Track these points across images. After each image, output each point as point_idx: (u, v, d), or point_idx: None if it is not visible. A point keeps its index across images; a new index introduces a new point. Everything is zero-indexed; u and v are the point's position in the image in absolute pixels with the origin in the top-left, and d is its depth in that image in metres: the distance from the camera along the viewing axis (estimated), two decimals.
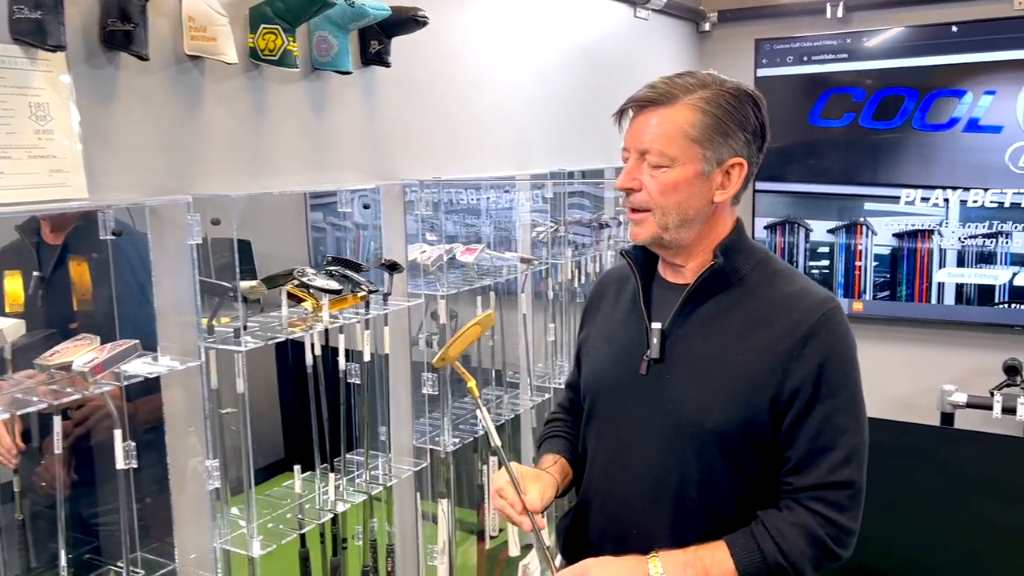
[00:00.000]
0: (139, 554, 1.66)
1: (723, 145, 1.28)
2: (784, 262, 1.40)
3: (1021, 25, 3.23)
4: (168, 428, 1.64)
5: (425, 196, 2.17)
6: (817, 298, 1.30)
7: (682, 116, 1.27)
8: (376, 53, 2.00)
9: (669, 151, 1.27)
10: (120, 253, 1.61)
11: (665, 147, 1.27)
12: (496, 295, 2.60)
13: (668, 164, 1.27)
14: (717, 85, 1.29)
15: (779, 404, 1.26)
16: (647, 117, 1.29)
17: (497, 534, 2.61)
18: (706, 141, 1.27)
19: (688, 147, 1.26)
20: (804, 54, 3.61)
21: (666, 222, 1.29)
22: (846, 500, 1.27)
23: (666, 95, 1.27)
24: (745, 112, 1.29)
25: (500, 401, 2.63)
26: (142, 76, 1.54)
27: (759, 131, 1.32)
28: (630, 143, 1.31)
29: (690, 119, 1.26)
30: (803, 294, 1.30)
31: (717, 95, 1.28)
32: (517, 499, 1.32)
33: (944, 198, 3.42)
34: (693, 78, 1.29)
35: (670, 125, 1.27)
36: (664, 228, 1.30)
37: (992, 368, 3.43)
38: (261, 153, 1.80)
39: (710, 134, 1.27)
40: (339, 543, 2.04)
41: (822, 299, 1.29)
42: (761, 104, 1.32)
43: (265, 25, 1.71)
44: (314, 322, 1.86)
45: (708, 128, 1.26)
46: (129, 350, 1.47)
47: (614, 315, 1.46)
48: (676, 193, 1.28)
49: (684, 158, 1.27)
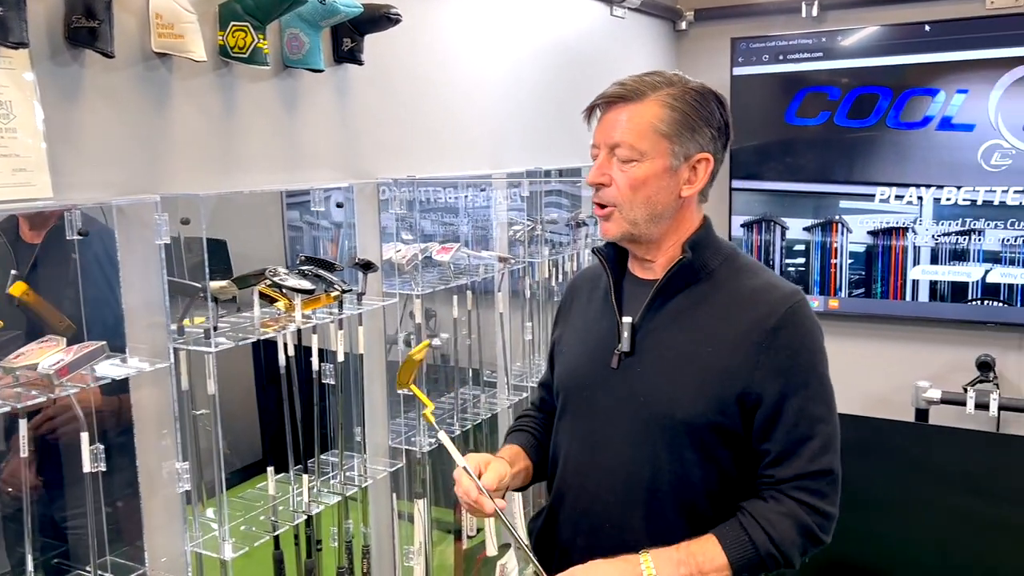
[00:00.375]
0: (108, 558, 1.64)
1: (690, 140, 1.31)
2: (751, 257, 1.44)
3: (992, 24, 3.26)
4: (137, 430, 1.62)
5: (399, 195, 2.15)
6: (783, 292, 1.32)
7: (651, 111, 1.30)
8: (349, 51, 1.99)
9: (639, 145, 1.29)
10: (89, 253, 1.59)
11: (635, 141, 1.29)
12: (473, 294, 2.59)
13: (638, 158, 1.30)
14: (683, 83, 1.33)
15: (749, 396, 1.28)
16: (617, 113, 1.32)
17: (475, 534, 2.60)
18: (674, 136, 1.30)
19: (657, 141, 1.29)
20: (780, 53, 3.63)
21: (635, 217, 1.32)
22: (827, 487, 1.30)
23: (635, 91, 1.30)
24: (710, 109, 1.33)
25: (477, 400, 2.63)
26: (108, 74, 1.51)
27: (723, 128, 1.36)
28: (600, 139, 1.34)
29: (659, 114, 1.29)
30: (769, 288, 1.33)
31: (684, 92, 1.32)
32: (472, 485, 1.33)
33: (918, 196, 3.44)
34: (660, 76, 1.33)
35: (640, 120, 1.30)
36: (633, 223, 1.33)
37: (966, 364, 3.48)
38: (231, 152, 1.78)
39: (678, 129, 1.30)
40: (313, 545, 2.03)
41: (788, 292, 1.32)
42: (725, 103, 1.36)
43: (235, 22, 1.69)
44: (287, 322, 1.84)
45: (676, 123, 1.30)
46: (96, 352, 1.45)
47: (587, 314, 1.48)
48: (645, 188, 1.31)
49: (653, 152, 1.30)
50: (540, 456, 1.53)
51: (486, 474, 1.35)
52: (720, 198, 3.87)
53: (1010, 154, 3.26)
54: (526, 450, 1.52)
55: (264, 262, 1.83)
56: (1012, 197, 3.28)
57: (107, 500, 1.63)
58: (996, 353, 3.43)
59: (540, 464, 1.53)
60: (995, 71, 3.25)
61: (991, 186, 3.32)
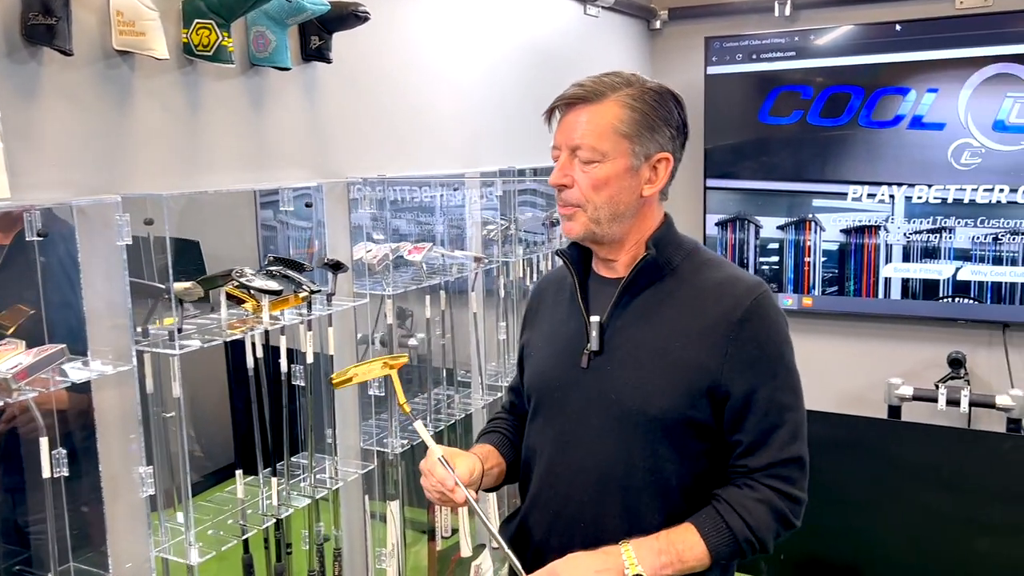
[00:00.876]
0: (72, 564, 1.62)
1: (650, 140, 1.32)
2: (712, 252, 1.44)
3: (962, 24, 3.29)
4: (100, 434, 1.60)
5: (369, 194, 2.14)
6: (747, 284, 1.34)
7: (611, 112, 1.30)
8: (317, 49, 1.97)
9: (600, 146, 1.30)
10: (51, 254, 1.56)
11: (596, 142, 1.30)
12: (447, 294, 2.58)
13: (599, 159, 1.30)
14: (641, 84, 1.33)
15: (719, 389, 1.30)
16: (577, 114, 1.32)
17: (449, 534, 2.59)
18: (635, 136, 1.30)
19: (618, 142, 1.30)
20: (753, 52, 3.65)
21: (598, 216, 1.33)
22: (797, 473, 1.33)
23: (594, 92, 1.31)
24: (669, 108, 1.33)
25: (451, 401, 2.62)
26: (67, 72, 1.49)
27: (682, 127, 1.36)
28: (561, 140, 1.34)
29: (619, 115, 1.30)
30: (734, 281, 1.34)
31: (642, 92, 1.32)
32: (448, 475, 1.33)
33: (890, 194, 3.47)
34: (619, 77, 1.33)
35: (600, 121, 1.30)
36: (596, 223, 1.33)
37: (937, 361, 3.51)
38: (197, 151, 1.76)
39: (638, 129, 1.30)
40: (284, 548, 2.01)
41: (752, 285, 1.34)
42: (682, 102, 1.37)
43: (199, 20, 1.66)
44: (254, 324, 1.82)
45: (636, 123, 1.30)
46: (56, 355, 1.43)
47: (554, 316, 1.48)
48: (607, 188, 1.31)
49: (614, 153, 1.30)
50: (513, 457, 1.53)
51: (457, 467, 1.35)
52: (694, 197, 3.88)
53: (979, 153, 3.30)
54: (499, 449, 1.51)
55: (238, 263, 1.81)
56: (981, 195, 3.32)
57: (71, 505, 1.60)
58: (967, 350, 3.47)
59: (513, 465, 1.52)
60: (964, 70, 3.28)
61: (961, 184, 3.35)
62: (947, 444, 3.04)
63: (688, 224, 3.90)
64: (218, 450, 2.18)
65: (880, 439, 3.13)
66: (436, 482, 1.34)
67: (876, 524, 3.07)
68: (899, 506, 3.03)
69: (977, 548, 2.92)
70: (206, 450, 2.20)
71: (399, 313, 2.56)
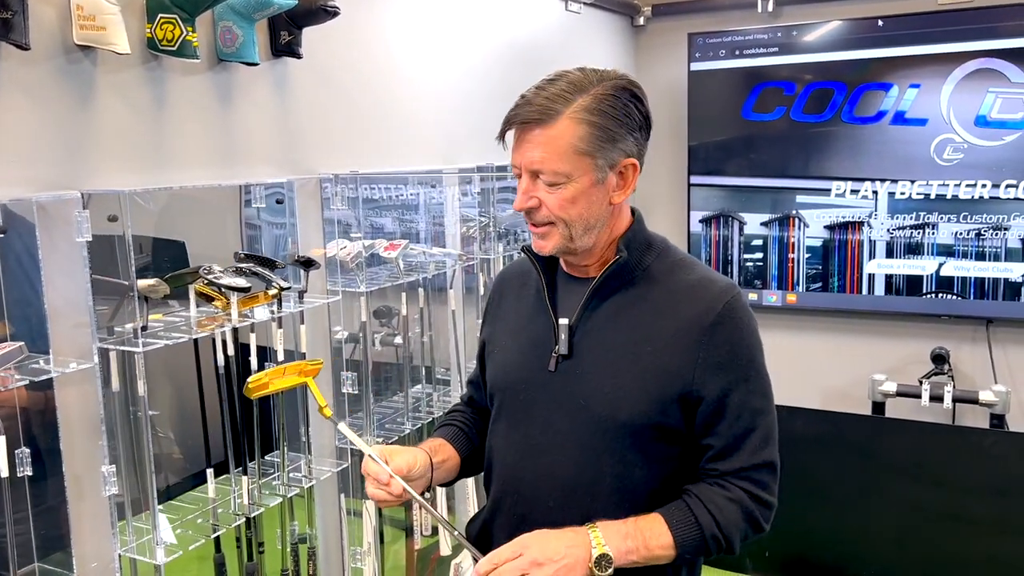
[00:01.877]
0: (36, 565, 1.60)
1: (613, 150, 1.27)
2: (683, 251, 1.41)
3: (944, 19, 3.29)
4: (64, 433, 1.58)
5: (339, 191, 2.12)
6: (720, 287, 1.31)
7: (568, 132, 1.24)
8: (287, 44, 1.95)
9: (562, 168, 1.25)
10: (11, 251, 1.54)
11: (557, 166, 1.24)
12: (425, 291, 2.57)
13: (563, 181, 1.25)
14: (594, 86, 1.25)
15: (691, 394, 1.27)
16: (532, 137, 1.25)
17: (429, 533, 2.58)
18: (596, 152, 1.25)
19: (579, 161, 1.25)
20: (736, 48, 3.63)
21: (570, 232, 1.29)
22: (768, 477, 1.31)
23: (546, 112, 1.24)
24: (628, 111, 1.27)
25: (430, 399, 2.60)
26: (26, 67, 1.47)
27: (644, 124, 1.30)
28: (519, 162, 1.28)
29: (577, 133, 1.24)
30: (706, 283, 1.32)
31: (598, 100, 1.24)
32: (381, 469, 1.30)
33: (873, 190, 3.46)
34: (569, 84, 1.25)
35: (559, 143, 1.24)
36: (569, 239, 1.30)
37: (921, 357, 3.50)
38: (162, 147, 1.74)
39: (599, 144, 1.25)
40: (255, 547, 1.99)
41: (724, 287, 1.31)
42: (641, 95, 1.30)
43: (163, 15, 1.65)
44: (224, 321, 1.80)
45: (596, 139, 1.24)
46: (13, 353, 1.41)
47: (519, 311, 1.45)
48: (575, 206, 1.27)
49: (578, 172, 1.25)
50: (469, 450, 1.50)
51: (393, 460, 1.32)
52: (678, 194, 3.87)
53: (962, 148, 3.29)
54: (452, 443, 1.48)
55: (225, 262, 1.80)
56: (964, 191, 3.31)
57: (35, 505, 1.59)
58: (950, 346, 3.46)
59: (469, 459, 1.50)
60: (946, 66, 3.28)
61: (944, 180, 3.34)
62: (931, 440, 3.03)
63: (672, 221, 3.90)
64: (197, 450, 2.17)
65: (864, 435, 3.13)
66: (371, 479, 1.32)
67: (860, 520, 3.07)
68: (883, 502, 3.02)
69: (962, 543, 2.92)
70: (184, 450, 2.19)
71: (384, 311, 2.54)
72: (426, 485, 1.38)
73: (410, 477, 1.33)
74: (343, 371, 2.19)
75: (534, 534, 1.25)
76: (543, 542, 1.23)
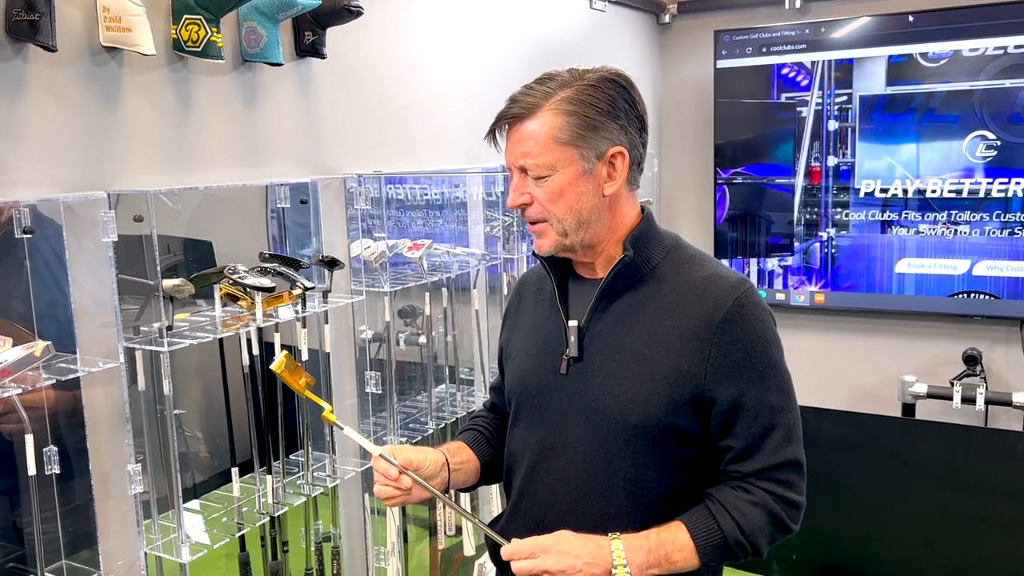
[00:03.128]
0: (64, 562, 1.62)
1: (596, 139, 1.27)
2: (695, 247, 1.39)
3: (976, 14, 3.22)
4: (90, 432, 1.60)
5: (363, 191, 2.12)
6: (729, 282, 1.29)
7: (548, 123, 1.26)
8: (311, 44, 1.96)
9: (545, 160, 1.26)
10: (39, 252, 1.56)
11: (540, 158, 1.26)
12: (449, 291, 2.56)
13: (548, 173, 1.27)
14: (578, 80, 1.28)
15: (705, 394, 1.25)
16: (517, 133, 1.29)
17: (453, 532, 2.57)
18: (578, 140, 1.26)
19: (561, 151, 1.26)
20: (763, 45, 3.59)
21: (563, 228, 1.29)
22: (794, 476, 1.28)
23: (528, 107, 1.27)
24: (611, 100, 1.27)
25: (453, 399, 2.60)
26: (53, 68, 1.49)
27: (631, 113, 1.30)
28: (509, 160, 1.31)
29: (556, 123, 1.26)
30: (716, 279, 1.29)
31: (578, 92, 1.27)
32: (390, 466, 1.30)
33: (903, 188, 3.41)
34: (553, 81, 1.29)
35: (540, 135, 1.26)
36: (563, 234, 1.30)
37: (952, 358, 3.44)
38: (187, 147, 1.75)
39: (580, 132, 1.26)
40: (280, 546, 2.00)
41: (735, 283, 1.29)
42: (628, 86, 1.31)
43: (188, 16, 1.66)
44: (249, 321, 1.81)
45: (576, 127, 1.26)
46: (42, 352, 1.42)
47: (534, 317, 1.44)
48: (564, 198, 1.28)
49: (561, 163, 1.27)
50: (491, 455, 1.50)
51: (399, 455, 1.32)
52: (704, 192, 3.84)
53: (995, 145, 3.23)
54: (472, 446, 1.48)
55: (250, 261, 1.81)
56: (997, 189, 3.25)
57: (63, 502, 1.60)
58: (983, 347, 3.40)
59: (491, 464, 1.49)
60: (979, 61, 3.21)
61: (976, 178, 3.28)
62: (962, 443, 2.98)
63: (698, 219, 3.87)
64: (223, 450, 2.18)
65: (894, 437, 3.08)
66: (380, 476, 1.32)
67: (889, 524, 3.02)
68: (913, 505, 2.98)
69: (993, 548, 2.86)
70: (212, 449, 2.20)
71: (408, 311, 2.55)
72: (442, 486, 1.38)
73: (423, 473, 1.33)
74: (367, 370, 2.19)
75: (554, 536, 1.24)
76: (560, 552, 1.22)
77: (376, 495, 1.34)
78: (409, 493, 1.32)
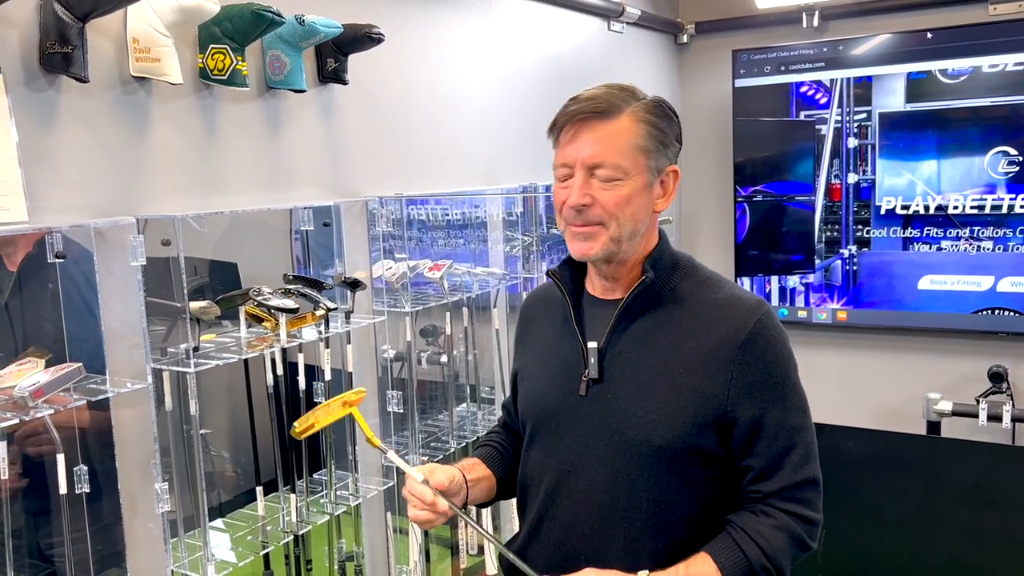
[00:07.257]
0: None
1: (662, 155, 1.29)
2: (709, 269, 1.39)
3: (995, 31, 3.22)
4: (119, 451, 1.63)
5: (385, 213, 2.15)
6: (749, 304, 1.30)
7: (630, 128, 1.26)
8: (333, 71, 2.00)
9: (623, 163, 1.25)
10: (69, 275, 1.60)
11: (619, 159, 1.25)
12: (469, 310, 2.59)
13: (621, 177, 1.26)
14: (642, 96, 1.30)
15: (727, 414, 1.26)
16: (592, 131, 1.26)
17: (476, 551, 2.58)
18: (652, 151, 1.27)
19: (638, 159, 1.26)
20: (781, 64, 3.61)
21: (620, 235, 1.28)
22: (813, 494, 1.29)
23: (610, 107, 1.25)
24: (671, 121, 1.31)
25: (474, 417, 2.61)
26: (85, 98, 1.53)
27: (679, 138, 1.34)
28: (575, 158, 1.27)
29: (638, 130, 1.26)
30: (735, 300, 1.30)
31: (650, 106, 1.28)
32: (425, 489, 1.31)
33: (925, 204, 3.40)
34: (622, 90, 1.28)
35: (621, 137, 1.25)
36: (617, 241, 1.28)
37: (978, 375, 3.41)
38: (213, 172, 1.80)
39: (655, 144, 1.27)
40: (303, 564, 2.02)
41: (754, 305, 1.30)
42: (674, 112, 1.34)
43: (214, 45, 1.70)
44: (273, 341, 1.84)
45: (653, 138, 1.27)
46: (72, 373, 1.46)
47: (547, 338, 1.44)
48: (630, 206, 1.27)
49: (635, 170, 1.26)
50: (505, 471, 1.50)
51: (434, 477, 1.33)
52: (724, 209, 3.84)
53: (1017, 161, 3.21)
54: (487, 463, 1.48)
55: (275, 283, 1.84)
56: (1020, 204, 3.23)
57: (93, 521, 1.63)
58: (1008, 363, 3.36)
59: (507, 480, 1.49)
60: (999, 77, 3.20)
61: (999, 194, 3.26)
62: (989, 461, 2.94)
63: (719, 237, 3.87)
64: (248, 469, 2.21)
65: (919, 456, 3.05)
66: (416, 499, 1.32)
67: (915, 543, 2.99)
68: (938, 525, 2.94)
69: (1021, 568, 2.82)
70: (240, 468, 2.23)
71: (429, 330, 2.57)
72: (462, 503, 1.39)
73: (448, 492, 1.33)
74: (389, 390, 2.21)
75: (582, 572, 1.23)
76: None
77: (412, 519, 1.35)
78: (444, 514, 1.33)
